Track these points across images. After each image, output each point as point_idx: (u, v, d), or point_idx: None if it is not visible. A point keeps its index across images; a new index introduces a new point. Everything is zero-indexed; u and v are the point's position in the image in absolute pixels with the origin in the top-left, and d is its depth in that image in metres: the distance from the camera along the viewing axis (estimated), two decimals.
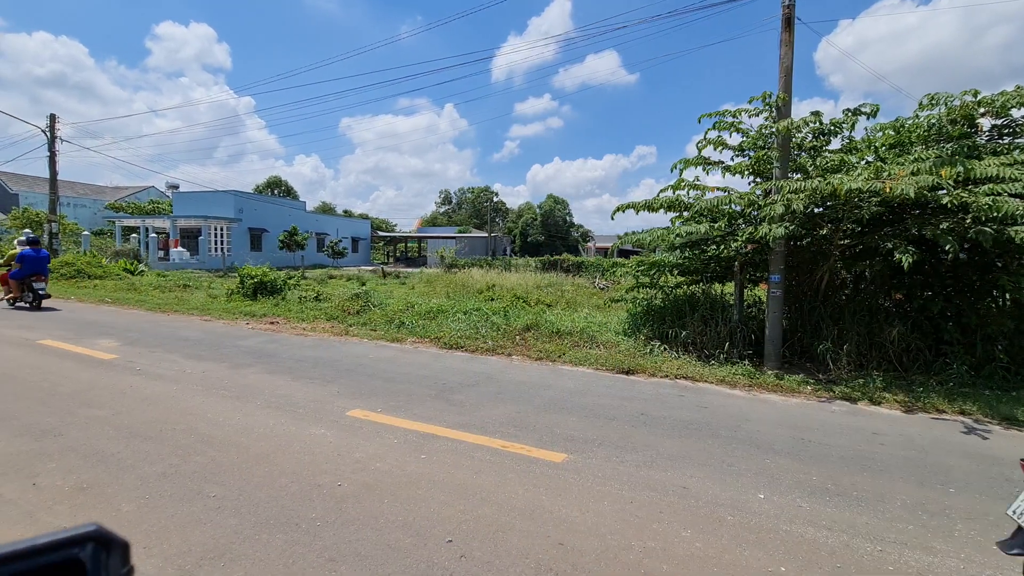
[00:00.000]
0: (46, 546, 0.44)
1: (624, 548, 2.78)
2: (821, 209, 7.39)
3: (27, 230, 27.34)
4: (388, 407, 5.12)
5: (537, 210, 65.45)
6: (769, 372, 6.78)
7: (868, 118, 7.45)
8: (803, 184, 6.25)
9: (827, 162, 7.40)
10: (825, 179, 6.20)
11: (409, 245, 58.27)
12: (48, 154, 22.86)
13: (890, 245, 6.23)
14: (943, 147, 6.78)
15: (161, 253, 31.12)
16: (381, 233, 57.60)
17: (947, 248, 5.65)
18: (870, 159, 7.58)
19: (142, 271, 21.68)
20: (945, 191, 5.92)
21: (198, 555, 2.65)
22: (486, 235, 53.74)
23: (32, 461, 3.71)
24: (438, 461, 3.86)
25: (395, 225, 76.79)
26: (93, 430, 4.32)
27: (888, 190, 5.65)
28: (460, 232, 56.61)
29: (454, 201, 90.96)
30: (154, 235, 31.17)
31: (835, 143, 8.17)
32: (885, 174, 6.08)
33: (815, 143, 7.99)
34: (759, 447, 4.32)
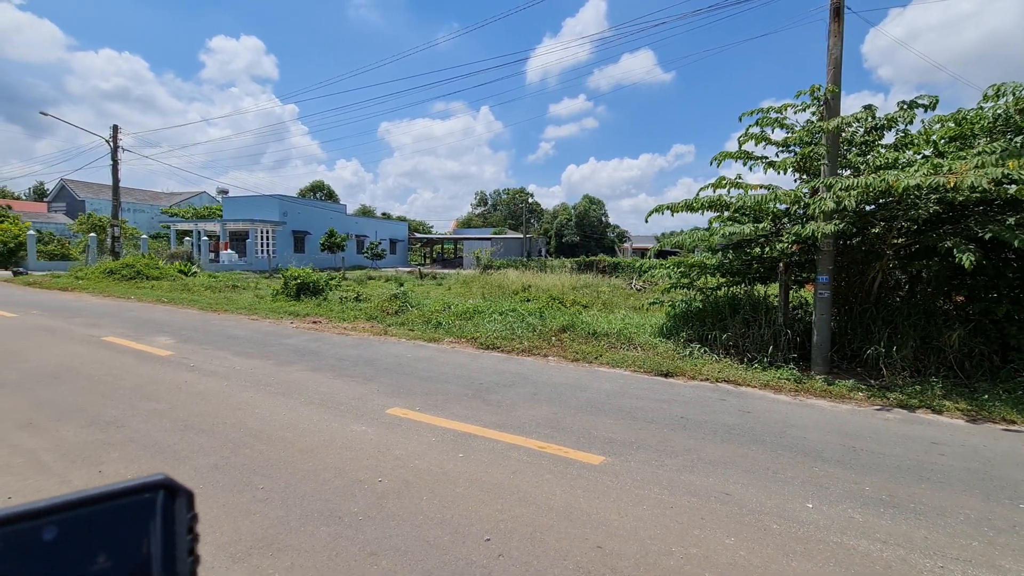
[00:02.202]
0: (121, 491, 0.50)
1: (664, 554, 2.73)
2: (873, 207, 7.05)
3: (92, 233, 29.20)
4: (426, 406, 5.20)
5: (572, 211, 65.04)
6: (817, 377, 6.51)
7: (926, 111, 7.06)
8: (855, 181, 5.98)
9: (880, 158, 7.05)
10: (879, 175, 5.91)
11: (445, 247, 59.00)
12: (111, 162, 24.35)
13: (949, 244, 5.88)
14: (1011, 140, 6.35)
15: (212, 255, 32.62)
16: (418, 235, 58.56)
17: (1016, 244, 5.28)
18: (927, 153, 7.17)
19: (195, 272, 22.79)
20: (1014, 184, 5.53)
21: (248, 544, 2.76)
22: (521, 236, 53.85)
23: (98, 450, 3.96)
24: (475, 460, 3.89)
25: (431, 227, 77.94)
26: (152, 422, 4.58)
27: (952, 184, 5.33)
28: (495, 233, 56.89)
29: (489, 203, 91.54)
30: (205, 238, 32.70)
31: (888, 137, 7.78)
32: (945, 169, 5.74)
33: (866, 138, 7.62)
34: (806, 454, 4.15)
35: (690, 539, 2.87)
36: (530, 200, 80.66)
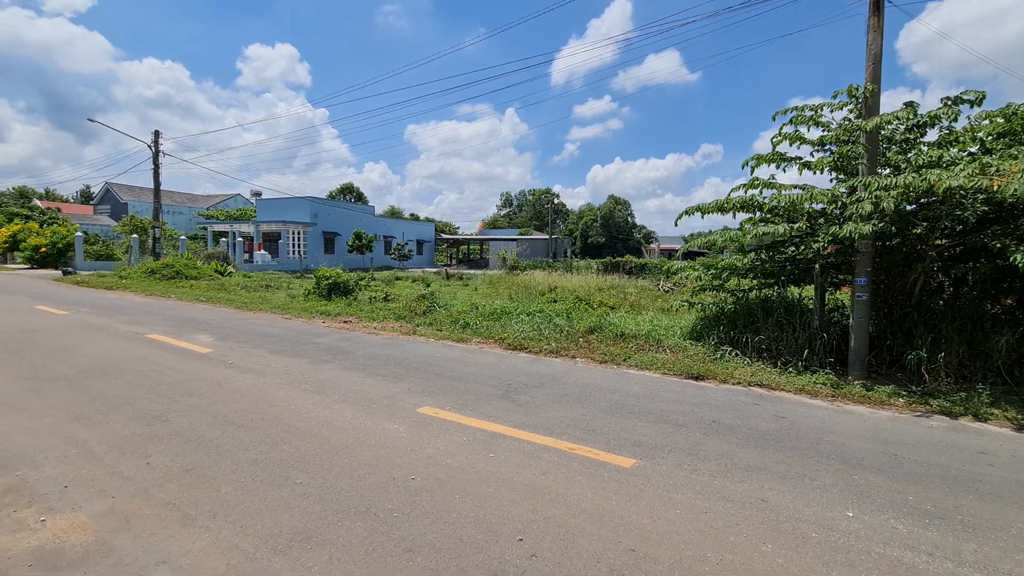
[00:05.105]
0: None
1: (699, 559, 2.70)
2: (914, 207, 6.80)
3: (134, 235, 30.41)
4: (456, 405, 5.26)
5: (597, 211, 64.61)
6: (855, 382, 6.32)
7: (971, 106, 6.77)
8: (894, 180, 5.78)
9: (922, 156, 6.80)
10: (920, 175, 5.70)
11: (471, 247, 59.38)
12: (152, 166, 25.35)
13: (999, 245, 5.63)
14: None
15: (246, 255, 33.58)
16: (444, 236, 59.11)
17: None
18: (973, 151, 6.88)
19: (230, 272, 23.53)
20: None
21: (288, 537, 2.85)
22: (546, 237, 53.77)
23: (145, 443, 4.14)
24: (506, 460, 3.92)
25: (457, 228, 78.55)
26: (194, 417, 4.76)
27: (996, 187, 5.11)
28: (521, 234, 56.97)
29: (514, 203, 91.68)
30: (240, 239, 33.70)
31: (931, 134, 7.48)
32: (992, 169, 5.50)
33: (907, 136, 7.35)
34: (846, 462, 4.04)
35: (725, 545, 2.84)
36: (555, 201, 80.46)
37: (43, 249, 29.66)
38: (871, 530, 3.03)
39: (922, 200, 6.60)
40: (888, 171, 7.24)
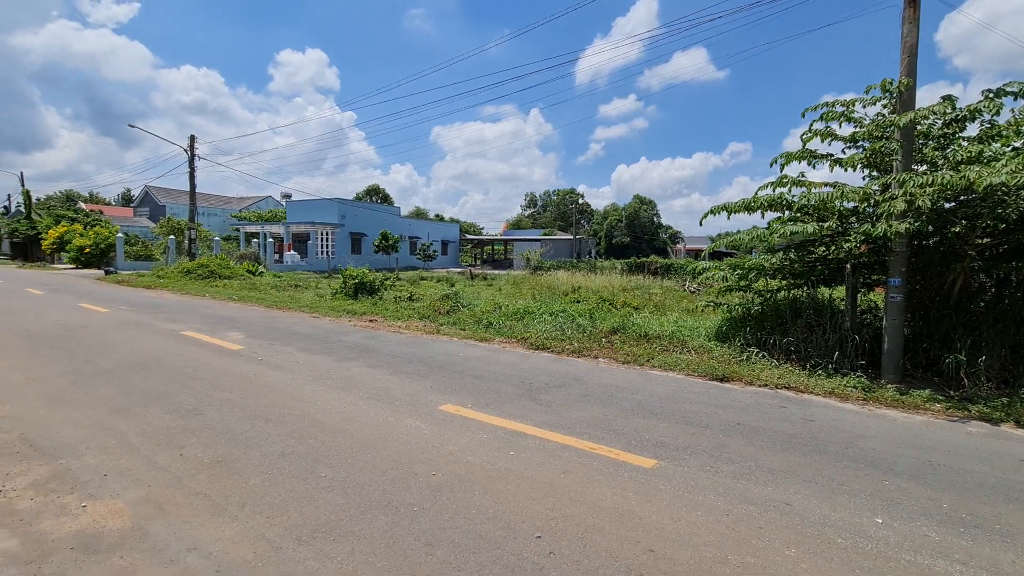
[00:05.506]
0: None
1: (719, 561, 2.67)
2: (953, 204, 6.54)
3: (171, 236, 31.53)
4: (478, 403, 5.30)
5: (622, 211, 64.01)
6: (888, 386, 6.12)
7: (1015, 99, 6.47)
8: (930, 177, 5.57)
9: (962, 152, 6.52)
10: (959, 171, 5.48)
11: (495, 248, 59.57)
12: (188, 170, 26.25)
13: None
14: None
15: (276, 256, 34.47)
16: (469, 236, 59.46)
17: None
18: (1017, 145, 6.58)
19: (261, 272, 24.19)
20: None
21: (312, 528, 2.93)
22: (571, 237, 53.54)
23: (179, 435, 4.31)
24: (526, 459, 3.94)
25: (482, 228, 78.92)
26: (225, 411, 4.92)
27: None
28: (545, 235, 56.88)
29: (539, 204, 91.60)
30: (270, 240, 34.61)
31: (971, 128, 7.17)
32: None
33: (945, 131, 7.07)
34: (876, 467, 3.92)
35: (747, 548, 2.79)
36: (580, 201, 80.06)
37: (87, 250, 31.05)
38: (901, 537, 2.94)
39: (961, 197, 6.34)
40: (924, 168, 6.98)
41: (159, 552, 2.68)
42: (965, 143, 6.92)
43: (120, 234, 31.96)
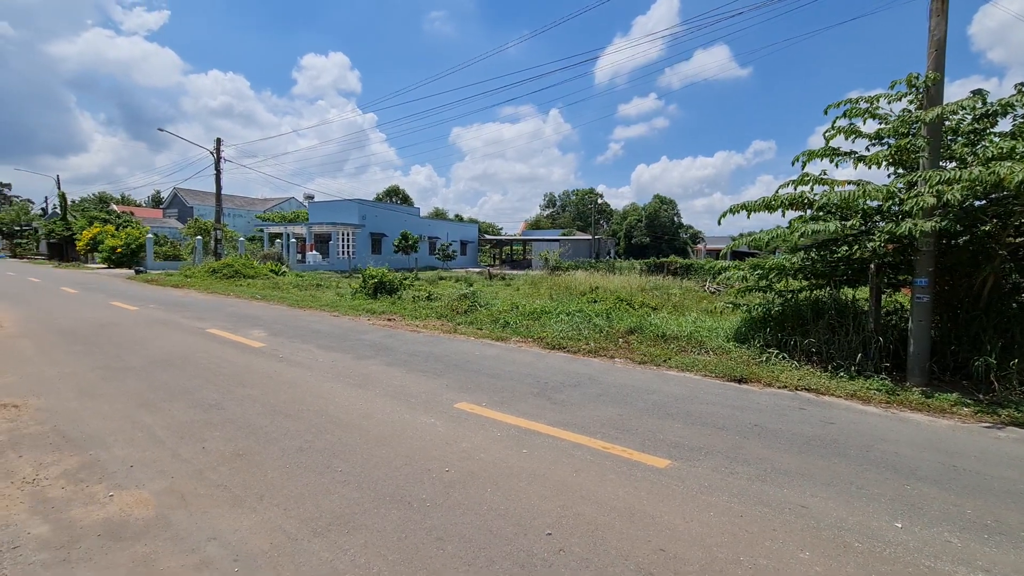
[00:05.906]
0: None
1: (732, 562, 2.64)
2: (983, 202, 6.33)
3: (198, 236, 32.35)
4: (492, 402, 5.33)
5: (642, 211, 63.38)
6: (913, 389, 5.95)
7: None
8: (958, 174, 5.41)
9: (993, 148, 6.31)
10: (989, 167, 5.30)
11: (514, 248, 59.64)
12: (214, 172, 26.92)
13: None
14: None
15: (299, 256, 35.11)
16: (487, 236, 59.61)
17: None
18: None
19: (284, 272, 24.67)
20: None
21: (327, 520, 2.99)
22: (589, 237, 53.28)
23: (202, 429, 4.44)
24: (539, 457, 3.95)
25: (501, 229, 79.01)
26: (246, 406, 5.05)
27: None
28: (564, 235, 56.69)
29: (558, 204, 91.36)
30: (293, 240, 35.26)
31: (1003, 124, 6.92)
32: None
33: (975, 126, 6.84)
34: (897, 471, 3.83)
35: (760, 550, 2.76)
36: (599, 201, 79.57)
37: (119, 250, 32.09)
38: (921, 543, 2.87)
39: (992, 195, 6.14)
40: (953, 165, 6.77)
41: (181, 541, 2.78)
42: (996, 139, 6.69)
43: (150, 235, 32.95)
